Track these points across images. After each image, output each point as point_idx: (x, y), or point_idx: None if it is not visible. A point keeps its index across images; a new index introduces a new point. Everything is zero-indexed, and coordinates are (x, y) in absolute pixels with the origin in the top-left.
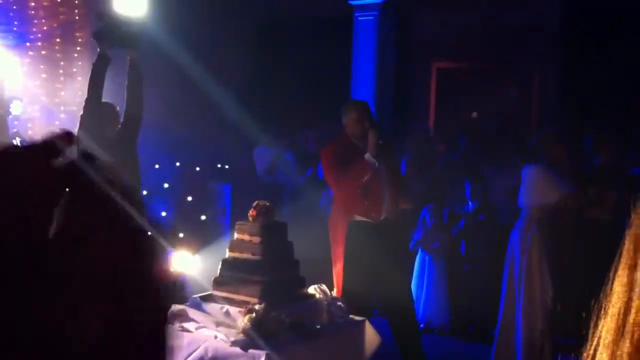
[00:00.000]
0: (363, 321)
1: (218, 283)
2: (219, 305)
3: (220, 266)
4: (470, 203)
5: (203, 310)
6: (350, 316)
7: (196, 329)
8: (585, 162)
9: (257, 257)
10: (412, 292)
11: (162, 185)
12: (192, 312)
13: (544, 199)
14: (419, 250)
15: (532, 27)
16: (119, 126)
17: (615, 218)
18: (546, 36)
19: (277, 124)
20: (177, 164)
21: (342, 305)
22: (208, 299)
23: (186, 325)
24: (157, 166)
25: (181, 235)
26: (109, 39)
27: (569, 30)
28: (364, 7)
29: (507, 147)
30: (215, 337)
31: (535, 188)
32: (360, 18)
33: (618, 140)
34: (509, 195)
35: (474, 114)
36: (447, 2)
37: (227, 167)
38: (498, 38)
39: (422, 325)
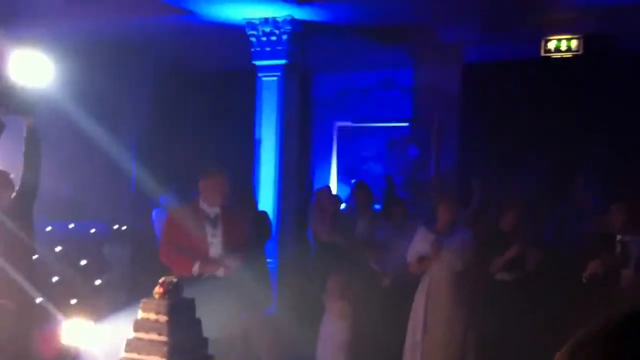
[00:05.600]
0: None
1: None
2: None
3: (124, 347)
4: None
5: None
6: None
7: None
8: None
9: (163, 338)
10: None
11: (54, 248)
12: None
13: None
14: None
15: (430, 87)
16: (14, 194)
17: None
18: (444, 96)
19: (179, 181)
20: (71, 225)
21: None
22: None
23: None
24: (49, 228)
25: (73, 301)
26: (5, 104)
27: (465, 91)
28: (268, 68)
29: (399, 209)
30: None
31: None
32: (263, 78)
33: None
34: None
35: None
36: (347, 63)
37: (124, 228)
38: (396, 98)
39: None
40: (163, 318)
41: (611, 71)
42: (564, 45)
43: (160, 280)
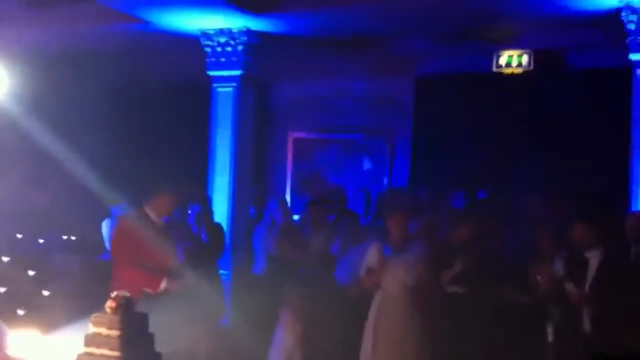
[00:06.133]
0: None
1: None
2: None
3: None
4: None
5: None
6: None
7: None
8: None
9: (115, 353)
10: None
11: (1, 259)
12: None
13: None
14: None
15: (384, 98)
16: None
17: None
18: (398, 108)
19: (132, 192)
20: (19, 236)
21: None
22: None
23: None
24: None
25: (20, 312)
26: None
27: (419, 103)
28: (223, 78)
29: (351, 223)
30: None
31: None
32: (218, 89)
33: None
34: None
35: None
36: (303, 73)
37: (73, 238)
38: (351, 108)
39: None
40: (115, 333)
41: (561, 86)
42: (515, 60)
43: (113, 295)
